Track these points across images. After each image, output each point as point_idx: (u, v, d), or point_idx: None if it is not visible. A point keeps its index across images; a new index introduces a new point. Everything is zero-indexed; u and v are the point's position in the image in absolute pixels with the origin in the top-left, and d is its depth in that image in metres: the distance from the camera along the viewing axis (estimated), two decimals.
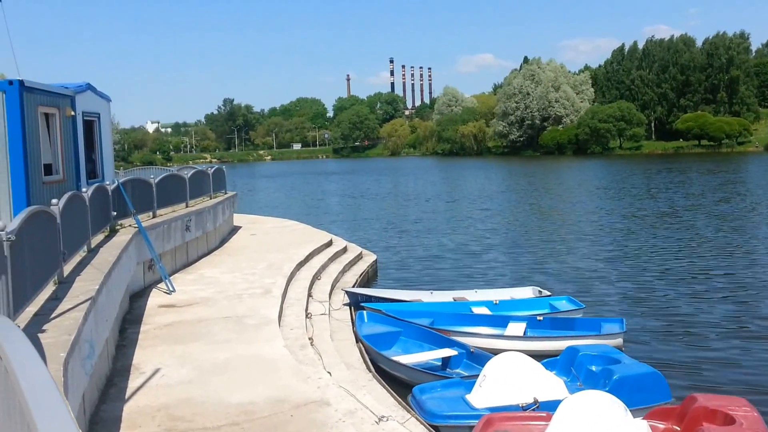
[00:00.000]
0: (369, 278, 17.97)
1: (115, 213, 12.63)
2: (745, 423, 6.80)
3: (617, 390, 8.11)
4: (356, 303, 14.01)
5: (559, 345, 10.95)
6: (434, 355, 10.81)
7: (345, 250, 19.16)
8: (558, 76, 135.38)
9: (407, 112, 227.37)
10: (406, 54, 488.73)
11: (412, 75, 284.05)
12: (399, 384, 9.80)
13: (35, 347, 2.76)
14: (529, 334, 12.00)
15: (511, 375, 8.43)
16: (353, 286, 15.59)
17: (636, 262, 19.59)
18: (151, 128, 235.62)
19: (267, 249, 17.80)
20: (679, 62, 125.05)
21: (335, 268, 16.79)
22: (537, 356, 9.33)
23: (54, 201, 8.24)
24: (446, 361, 10.72)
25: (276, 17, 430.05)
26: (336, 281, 15.83)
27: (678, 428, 7.35)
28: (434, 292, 15.09)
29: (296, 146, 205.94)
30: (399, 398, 8.67)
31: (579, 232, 26.15)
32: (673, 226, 26.66)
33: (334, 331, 11.79)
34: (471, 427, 7.48)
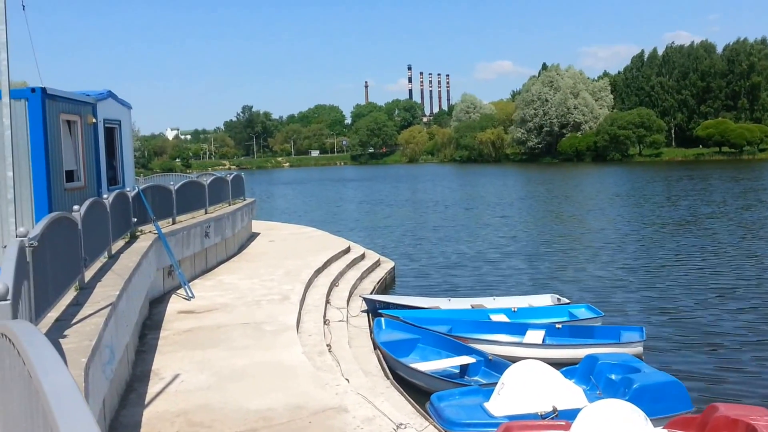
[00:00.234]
0: (387, 285, 17.96)
1: (136, 219, 12.73)
2: None
3: (637, 399, 8.04)
4: (374, 310, 14.01)
5: (578, 353, 10.87)
6: (452, 363, 10.77)
7: (363, 257, 19.18)
8: (577, 83, 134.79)
9: (425, 119, 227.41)
10: (425, 61, 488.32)
11: (430, 82, 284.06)
12: (417, 391, 9.78)
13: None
14: (548, 342, 11.94)
15: (530, 383, 8.39)
16: (371, 293, 15.58)
17: (656, 271, 19.43)
18: (171, 135, 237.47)
19: (285, 255, 17.85)
20: (700, 68, 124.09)
21: (353, 275, 16.81)
22: (556, 364, 9.28)
23: (75, 207, 8.32)
24: (464, 369, 10.68)
25: (294, 25, 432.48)
26: (354, 288, 15.84)
27: None
28: (452, 300, 15.05)
29: (314, 153, 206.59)
30: (417, 406, 8.64)
31: (598, 240, 25.99)
32: (695, 234, 26.42)
33: (352, 338, 11.79)
34: None
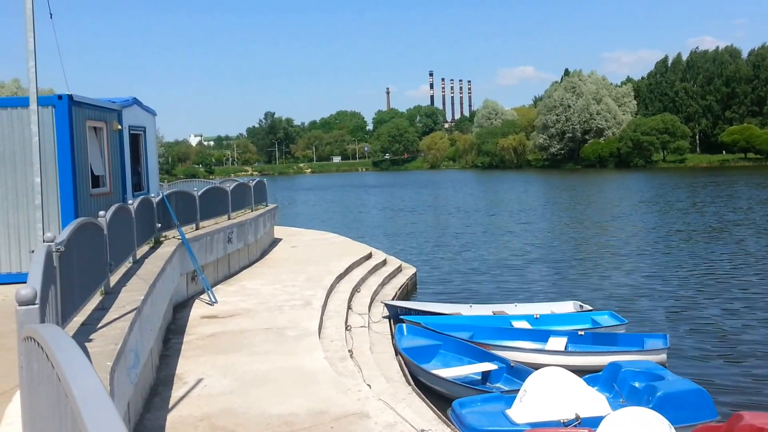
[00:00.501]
0: (408, 291, 17.95)
1: (160, 225, 12.85)
2: None
3: (661, 407, 7.96)
4: (395, 316, 14.01)
5: (601, 360, 10.79)
6: (474, 369, 10.74)
7: (384, 263, 19.19)
8: (599, 89, 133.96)
9: (447, 125, 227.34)
10: (446, 67, 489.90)
11: (452, 88, 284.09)
12: (438, 398, 9.76)
13: None
14: (571, 349, 11.86)
15: (553, 390, 8.34)
16: (392, 299, 15.59)
17: (681, 278, 19.22)
18: (194, 141, 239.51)
19: (307, 261, 17.91)
20: (725, 74, 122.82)
21: (375, 281, 16.82)
22: (578, 371, 9.21)
23: (101, 213, 8.41)
24: (486, 376, 10.64)
25: (316, 31, 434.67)
26: (375, 294, 15.85)
27: None
28: (473, 306, 14.99)
29: (336, 159, 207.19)
30: (439, 412, 8.63)
31: (622, 247, 25.77)
32: (720, 241, 26.10)
33: (374, 344, 11.79)
34: None
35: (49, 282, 5.25)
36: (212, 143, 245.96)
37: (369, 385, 8.94)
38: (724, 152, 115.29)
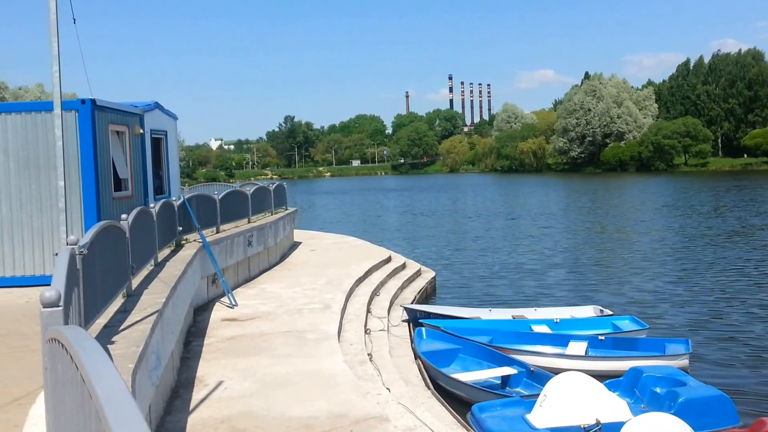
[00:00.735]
0: (428, 295, 17.94)
1: (181, 228, 12.94)
2: None
3: (683, 413, 7.89)
4: (415, 319, 14.00)
5: (622, 365, 10.70)
6: (494, 374, 10.70)
7: (404, 267, 19.18)
8: (620, 92, 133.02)
9: (466, 129, 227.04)
10: (465, 70, 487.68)
11: (471, 91, 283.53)
12: (458, 402, 9.75)
13: None
14: (591, 354, 11.78)
15: (573, 395, 8.28)
16: (412, 303, 15.58)
17: (703, 283, 19.02)
18: (215, 145, 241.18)
19: (326, 264, 17.95)
20: (747, 77, 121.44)
21: (394, 285, 16.82)
22: (599, 376, 9.15)
23: (123, 216, 8.48)
24: (506, 380, 10.61)
25: (336, 35, 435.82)
26: (395, 297, 15.85)
27: None
28: (493, 310, 14.95)
29: (355, 163, 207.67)
30: (458, 416, 8.61)
31: (643, 251, 25.57)
32: (743, 246, 25.80)
33: (393, 348, 11.79)
34: None
35: (73, 284, 5.30)
36: (232, 147, 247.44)
37: (388, 389, 8.94)
38: (747, 156, 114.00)
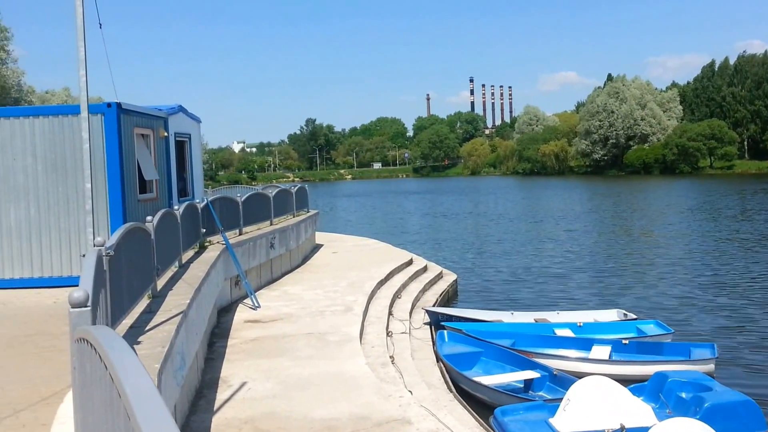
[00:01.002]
0: (449, 298, 17.90)
1: (204, 230, 13.05)
2: None
3: (709, 418, 7.80)
4: (436, 322, 13.98)
5: (647, 370, 10.61)
6: (516, 377, 10.66)
7: (425, 269, 19.16)
8: (644, 94, 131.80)
9: (487, 132, 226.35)
10: (487, 73, 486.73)
11: (492, 94, 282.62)
12: (480, 405, 9.71)
13: None
14: (615, 358, 11.68)
15: (597, 399, 8.22)
16: (433, 306, 15.56)
17: (730, 287, 18.77)
18: (237, 148, 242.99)
19: (348, 267, 17.98)
20: None
21: (415, 287, 16.81)
22: (623, 381, 9.06)
23: (148, 218, 8.57)
24: (528, 384, 10.55)
25: (356, 38, 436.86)
26: (416, 300, 15.84)
27: None
28: (515, 313, 14.88)
29: (376, 165, 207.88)
30: (480, 419, 8.58)
31: (668, 255, 25.31)
32: None
33: (415, 350, 11.79)
34: None
35: (100, 285, 5.37)
36: (254, 150, 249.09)
37: (410, 392, 8.93)
38: None
